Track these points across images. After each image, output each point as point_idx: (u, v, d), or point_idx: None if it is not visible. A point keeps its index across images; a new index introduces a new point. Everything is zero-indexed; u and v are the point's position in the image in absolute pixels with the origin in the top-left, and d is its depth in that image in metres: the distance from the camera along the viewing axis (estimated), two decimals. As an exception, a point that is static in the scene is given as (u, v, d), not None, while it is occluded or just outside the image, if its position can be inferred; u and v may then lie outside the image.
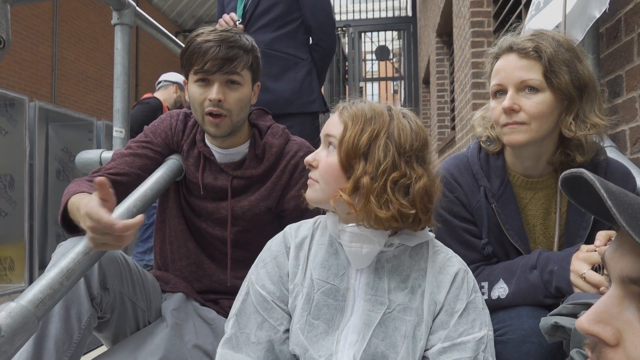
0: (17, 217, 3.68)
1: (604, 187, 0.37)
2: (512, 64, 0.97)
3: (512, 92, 0.97)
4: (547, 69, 0.94)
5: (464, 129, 3.51)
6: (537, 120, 0.95)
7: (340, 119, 0.86)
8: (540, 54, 0.94)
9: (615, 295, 0.40)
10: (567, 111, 0.97)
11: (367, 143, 0.81)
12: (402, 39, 8.11)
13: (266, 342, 0.86)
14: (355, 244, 0.83)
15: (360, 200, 0.81)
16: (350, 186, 0.81)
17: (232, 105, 1.16)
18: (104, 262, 1.05)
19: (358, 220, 0.84)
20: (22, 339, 0.82)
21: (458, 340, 0.81)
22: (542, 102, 0.95)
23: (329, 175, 0.84)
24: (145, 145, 1.25)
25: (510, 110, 0.96)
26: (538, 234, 1.06)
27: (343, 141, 0.82)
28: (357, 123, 0.83)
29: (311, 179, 0.88)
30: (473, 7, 3.16)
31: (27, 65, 7.02)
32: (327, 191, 0.84)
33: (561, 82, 0.94)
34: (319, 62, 2.20)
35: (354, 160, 0.82)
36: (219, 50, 1.12)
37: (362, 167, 0.81)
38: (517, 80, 0.96)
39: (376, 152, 0.81)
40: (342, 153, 0.82)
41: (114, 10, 1.66)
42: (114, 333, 1.12)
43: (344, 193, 0.81)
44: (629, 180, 1.03)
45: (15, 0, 0.83)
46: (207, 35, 1.15)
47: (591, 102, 0.97)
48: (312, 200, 0.88)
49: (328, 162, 0.85)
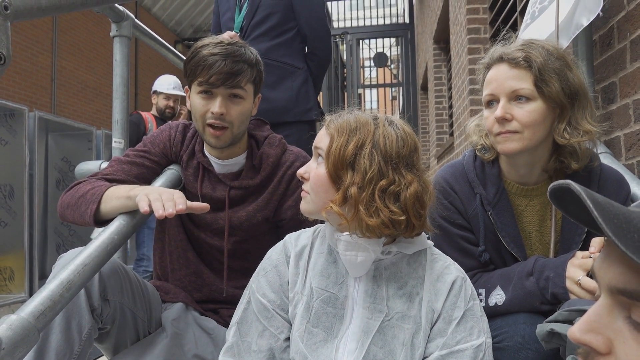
0: (16, 227, 3.67)
1: (590, 198, 0.38)
2: (503, 74, 0.99)
3: (504, 102, 0.98)
4: (538, 78, 0.95)
5: (462, 135, 3.52)
6: (530, 128, 0.96)
7: (327, 132, 0.87)
8: (531, 64, 0.96)
9: (605, 305, 0.41)
10: (560, 119, 0.98)
11: (352, 153, 0.82)
12: (399, 46, 8.14)
13: (267, 351, 0.87)
14: (349, 252, 0.84)
15: (350, 210, 0.82)
16: (340, 197, 0.82)
17: (234, 118, 1.17)
18: (104, 273, 1.05)
19: (351, 230, 0.85)
20: (23, 351, 0.83)
21: (456, 347, 0.82)
22: (534, 111, 0.96)
23: (319, 187, 0.86)
24: (143, 154, 1.26)
25: (503, 120, 0.98)
26: (534, 240, 1.07)
27: (330, 153, 0.84)
28: (342, 134, 0.84)
29: (304, 190, 0.90)
30: (469, 14, 3.19)
31: (27, 75, 7.04)
32: (318, 202, 0.86)
33: (552, 91, 0.95)
34: (315, 70, 2.22)
35: (341, 171, 0.83)
36: (224, 64, 1.12)
37: (350, 178, 0.82)
38: (508, 90, 0.98)
39: (362, 161, 0.82)
40: (330, 164, 0.84)
41: (113, 22, 1.67)
42: (115, 344, 1.13)
43: (334, 204, 0.82)
44: (623, 187, 1.04)
45: (15, 17, 0.85)
46: (212, 47, 1.15)
47: (583, 109, 0.98)
48: (305, 211, 0.90)
49: (317, 173, 0.87)
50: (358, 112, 0.89)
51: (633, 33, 1.32)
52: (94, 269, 0.98)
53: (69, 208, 1.14)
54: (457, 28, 3.64)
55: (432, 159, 5.78)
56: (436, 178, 1.12)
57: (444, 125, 5.53)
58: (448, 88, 5.24)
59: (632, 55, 1.33)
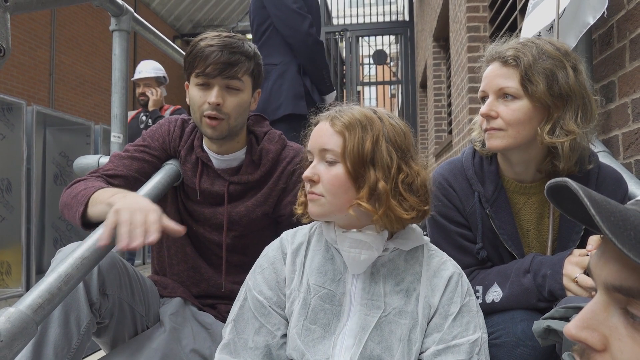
0: (14, 221, 3.67)
1: (587, 195, 0.38)
2: (494, 72, 1.00)
3: (491, 99, 1.00)
4: (524, 77, 0.96)
5: (461, 133, 3.52)
6: (514, 126, 0.97)
7: (335, 130, 0.85)
8: (518, 62, 0.96)
9: (601, 302, 0.41)
10: (547, 119, 0.97)
11: (371, 149, 0.83)
12: (399, 43, 8.13)
13: (264, 347, 0.87)
14: (354, 250, 0.85)
15: (380, 205, 0.82)
16: (366, 193, 0.82)
17: (230, 109, 1.17)
18: (103, 267, 1.05)
19: (359, 226, 0.85)
20: (21, 344, 0.83)
21: (452, 342, 0.82)
22: (518, 110, 0.97)
23: (337, 188, 0.84)
24: (143, 149, 1.26)
25: (488, 116, 0.99)
26: (531, 238, 1.07)
27: (346, 152, 0.83)
28: (354, 132, 0.83)
29: (314, 193, 0.85)
30: (469, 12, 3.18)
31: (25, 69, 7.01)
32: (337, 203, 0.84)
33: (536, 90, 0.95)
34: (303, 62, 2.21)
35: (362, 168, 0.83)
36: (220, 55, 1.13)
37: (373, 174, 0.82)
38: (496, 87, 0.99)
39: (381, 156, 0.83)
40: (349, 164, 0.82)
41: (113, 16, 1.67)
42: (113, 338, 1.13)
43: (362, 201, 0.82)
44: (621, 186, 1.05)
45: (15, 9, 0.84)
46: (210, 40, 1.16)
47: (574, 110, 0.97)
48: (317, 214, 0.86)
49: (332, 175, 0.84)
50: (356, 106, 0.89)
51: (633, 32, 1.32)
52: (93, 263, 0.98)
53: (66, 207, 1.13)
54: (456, 26, 3.64)
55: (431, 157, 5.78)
56: (435, 175, 1.12)
57: (443, 123, 5.53)
58: (447, 86, 5.24)
59: (632, 54, 1.33)
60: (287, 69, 2.19)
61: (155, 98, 3.54)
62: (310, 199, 0.86)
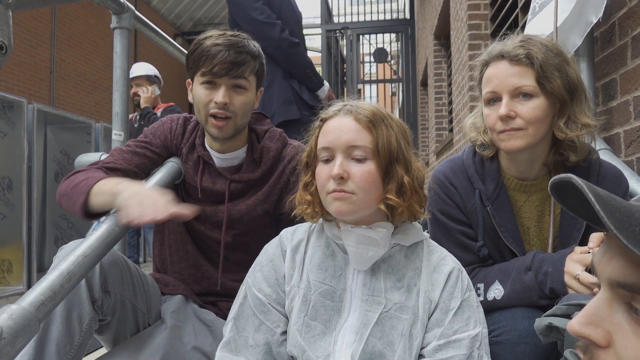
0: (15, 219, 3.67)
1: (592, 191, 0.38)
2: (504, 71, 0.98)
3: (507, 99, 0.98)
4: (540, 74, 0.96)
5: (462, 132, 3.52)
6: (534, 125, 0.97)
7: (362, 126, 0.84)
8: (532, 60, 0.96)
9: (605, 298, 0.41)
10: (560, 114, 0.99)
11: (396, 145, 0.85)
12: (400, 42, 8.11)
13: (264, 345, 0.87)
14: (362, 246, 0.85)
15: (405, 200, 0.84)
16: (395, 188, 0.84)
17: (237, 108, 1.17)
18: (105, 264, 1.06)
19: (397, 220, 0.87)
20: (23, 341, 0.83)
21: (453, 337, 0.83)
22: (537, 107, 0.96)
23: (370, 184, 0.84)
24: (144, 145, 1.26)
25: (507, 117, 0.97)
26: (532, 236, 1.07)
27: (379, 148, 0.84)
28: (380, 127, 0.85)
29: (345, 191, 0.82)
30: (470, 10, 3.18)
31: (26, 67, 7.01)
32: (367, 200, 0.84)
33: (554, 87, 0.96)
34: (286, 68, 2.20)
35: (390, 165, 0.84)
36: (227, 54, 1.13)
37: (398, 169, 0.84)
38: (511, 87, 0.97)
39: (403, 151, 0.86)
40: (382, 160, 0.84)
41: (114, 14, 1.66)
42: (114, 335, 1.13)
43: (392, 195, 0.84)
44: (622, 183, 1.05)
45: (17, 6, 0.84)
46: (216, 38, 1.15)
47: (580, 103, 0.99)
48: (346, 212, 0.83)
49: (365, 171, 0.83)
50: (364, 101, 0.91)
51: (634, 30, 1.32)
52: (94, 260, 0.98)
53: (65, 197, 1.13)
54: (457, 24, 3.63)
55: (432, 155, 5.78)
56: (435, 173, 1.12)
57: (444, 121, 5.53)
58: (448, 84, 5.23)
59: (633, 52, 1.33)
60: (274, 77, 2.19)
61: (146, 96, 3.54)
62: (338, 197, 0.83)
